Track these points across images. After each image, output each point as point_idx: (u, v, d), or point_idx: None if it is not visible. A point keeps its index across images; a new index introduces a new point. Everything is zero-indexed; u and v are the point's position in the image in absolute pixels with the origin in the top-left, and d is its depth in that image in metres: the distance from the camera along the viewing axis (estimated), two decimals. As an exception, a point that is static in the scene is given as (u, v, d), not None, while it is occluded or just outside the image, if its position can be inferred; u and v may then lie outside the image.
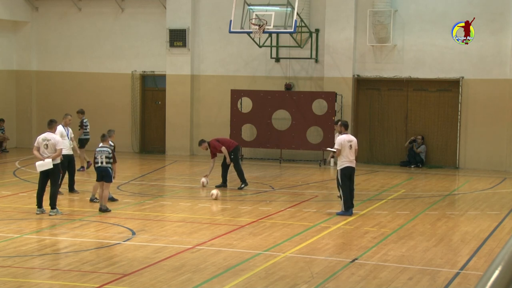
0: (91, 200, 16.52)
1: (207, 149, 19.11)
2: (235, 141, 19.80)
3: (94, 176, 16.19)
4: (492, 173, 22.67)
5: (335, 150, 15.51)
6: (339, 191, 15.73)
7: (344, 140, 15.24)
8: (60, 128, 17.22)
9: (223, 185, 18.97)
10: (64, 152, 16.16)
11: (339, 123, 16.50)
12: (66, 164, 16.98)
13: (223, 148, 18.75)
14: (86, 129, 21.87)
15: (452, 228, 14.40)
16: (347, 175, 15.26)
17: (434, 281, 10.43)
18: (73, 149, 17.98)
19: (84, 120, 21.88)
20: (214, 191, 17.51)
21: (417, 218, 15.22)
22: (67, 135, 17.54)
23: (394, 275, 10.67)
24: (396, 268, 11.06)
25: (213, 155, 18.98)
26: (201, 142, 19.32)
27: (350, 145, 15.21)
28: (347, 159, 15.23)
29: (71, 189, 17.59)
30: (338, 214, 15.37)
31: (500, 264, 2.89)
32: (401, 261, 11.55)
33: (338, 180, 15.65)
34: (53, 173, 14.99)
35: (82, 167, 21.42)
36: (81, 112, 21.99)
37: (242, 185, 18.81)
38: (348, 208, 15.28)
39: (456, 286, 10.28)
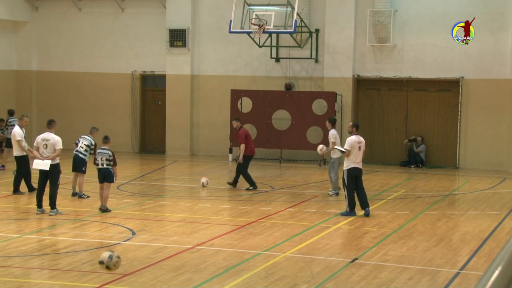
0: (74, 195, 16.95)
1: (236, 128, 19.08)
2: (255, 150, 19.42)
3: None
4: (492, 173, 22.66)
5: (344, 150, 15.46)
6: (345, 190, 15.71)
7: (354, 141, 15.24)
8: (17, 129, 17.32)
9: (233, 184, 18.84)
10: (23, 153, 17.06)
11: (351, 123, 16.38)
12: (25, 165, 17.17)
13: (242, 146, 18.68)
14: (9, 129, 22.03)
15: (452, 228, 14.40)
16: (353, 176, 15.25)
17: (434, 281, 10.43)
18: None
19: (9, 120, 22.19)
20: (203, 179, 18.84)
21: (417, 218, 15.22)
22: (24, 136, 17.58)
23: (394, 275, 10.67)
24: (396, 268, 11.06)
25: (241, 140, 18.92)
26: (237, 119, 19.31)
27: (359, 147, 15.23)
28: (354, 161, 15.23)
29: (31, 188, 17.44)
30: (342, 214, 15.32)
31: (500, 264, 2.89)
32: (401, 261, 11.55)
33: (343, 180, 15.62)
34: (52, 173, 15.00)
35: (3, 165, 21.77)
36: (11, 113, 22.47)
37: (251, 187, 18.69)
38: (352, 209, 15.25)
39: (456, 286, 10.28)
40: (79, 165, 16.85)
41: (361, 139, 15.46)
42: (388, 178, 21.62)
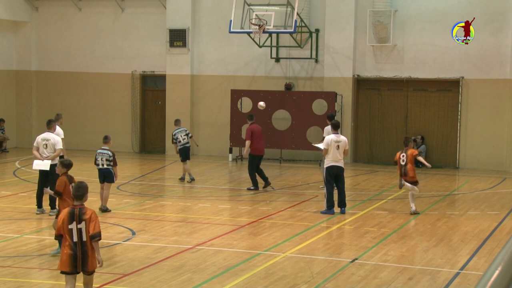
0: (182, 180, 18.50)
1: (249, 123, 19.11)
2: (263, 150, 19.25)
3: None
4: (492, 173, 22.66)
5: (322, 148, 15.80)
6: (324, 188, 16.03)
7: (332, 140, 15.48)
8: (58, 129, 17.28)
9: (266, 184, 18.72)
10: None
11: (331, 122, 16.72)
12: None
13: (247, 142, 18.65)
14: None
15: (452, 228, 14.40)
16: (332, 174, 15.50)
17: (434, 281, 10.43)
18: None
19: None
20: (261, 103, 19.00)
21: (417, 218, 15.23)
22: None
23: (394, 275, 10.67)
24: (396, 268, 11.06)
25: (245, 136, 18.87)
26: (251, 118, 19.27)
27: (338, 146, 15.42)
28: (332, 159, 15.45)
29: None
30: (321, 212, 15.59)
31: (500, 264, 2.89)
32: (401, 261, 11.55)
33: (323, 178, 16.01)
34: (52, 173, 14.99)
35: None
36: None
37: (252, 187, 18.68)
38: (330, 207, 15.44)
39: (456, 286, 10.28)
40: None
41: (341, 138, 15.66)
42: (388, 178, 21.60)
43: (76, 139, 26.73)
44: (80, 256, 8.30)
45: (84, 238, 8.30)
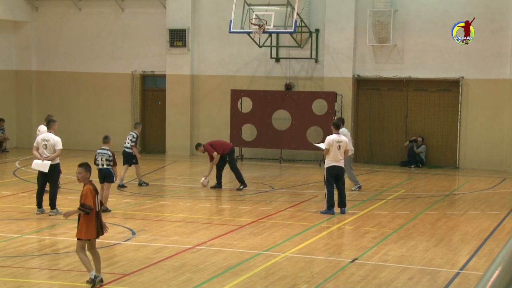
0: (121, 186, 18.50)
1: (204, 152, 19.09)
2: (230, 143, 19.75)
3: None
4: (492, 173, 22.66)
5: (323, 148, 15.80)
6: (325, 188, 16.01)
7: (333, 140, 15.51)
8: (43, 126, 17.30)
9: (217, 186, 18.89)
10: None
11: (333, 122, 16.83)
12: None
13: (215, 154, 18.71)
14: None
15: (452, 228, 14.40)
16: (332, 174, 15.53)
17: (434, 281, 10.43)
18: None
19: None
20: (203, 179, 18.98)
21: (417, 218, 15.23)
22: None
23: (394, 275, 10.67)
24: (396, 268, 11.06)
25: (211, 157, 18.90)
26: (198, 145, 19.33)
27: (339, 146, 15.46)
28: (333, 159, 15.48)
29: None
30: (321, 212, 15.61)
31: (500, 264, 2.89)
32: (401, 261, 11.55)
33: (324, 178, 15.98)
34: (52, 173, 14.99)
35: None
36: None
37: (241, 187, 18.75)
38: (330, 207, 15.46)
39: (456, 286, 10.28)
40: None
41: (342, 138, 15.70)
42: (388, 178, 21.62)
43: (76, 139, 26.75)
44: (99, 222, 9.97)
45: (98, 208, 9.96)
